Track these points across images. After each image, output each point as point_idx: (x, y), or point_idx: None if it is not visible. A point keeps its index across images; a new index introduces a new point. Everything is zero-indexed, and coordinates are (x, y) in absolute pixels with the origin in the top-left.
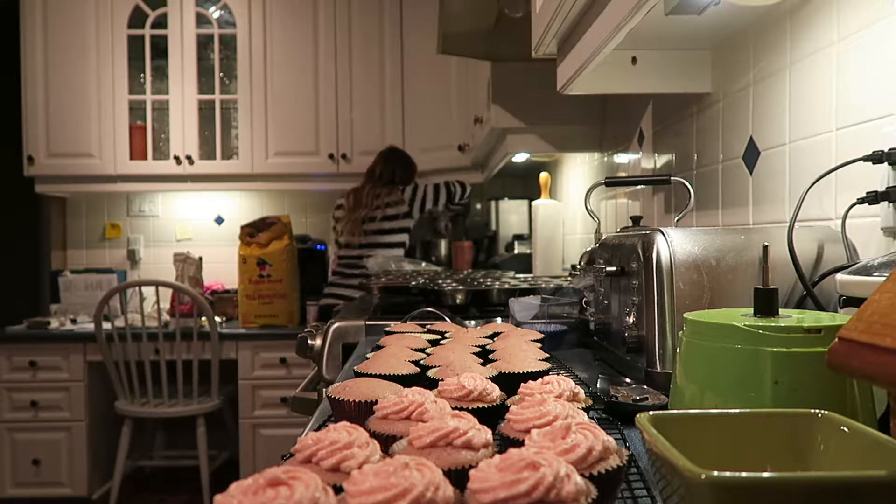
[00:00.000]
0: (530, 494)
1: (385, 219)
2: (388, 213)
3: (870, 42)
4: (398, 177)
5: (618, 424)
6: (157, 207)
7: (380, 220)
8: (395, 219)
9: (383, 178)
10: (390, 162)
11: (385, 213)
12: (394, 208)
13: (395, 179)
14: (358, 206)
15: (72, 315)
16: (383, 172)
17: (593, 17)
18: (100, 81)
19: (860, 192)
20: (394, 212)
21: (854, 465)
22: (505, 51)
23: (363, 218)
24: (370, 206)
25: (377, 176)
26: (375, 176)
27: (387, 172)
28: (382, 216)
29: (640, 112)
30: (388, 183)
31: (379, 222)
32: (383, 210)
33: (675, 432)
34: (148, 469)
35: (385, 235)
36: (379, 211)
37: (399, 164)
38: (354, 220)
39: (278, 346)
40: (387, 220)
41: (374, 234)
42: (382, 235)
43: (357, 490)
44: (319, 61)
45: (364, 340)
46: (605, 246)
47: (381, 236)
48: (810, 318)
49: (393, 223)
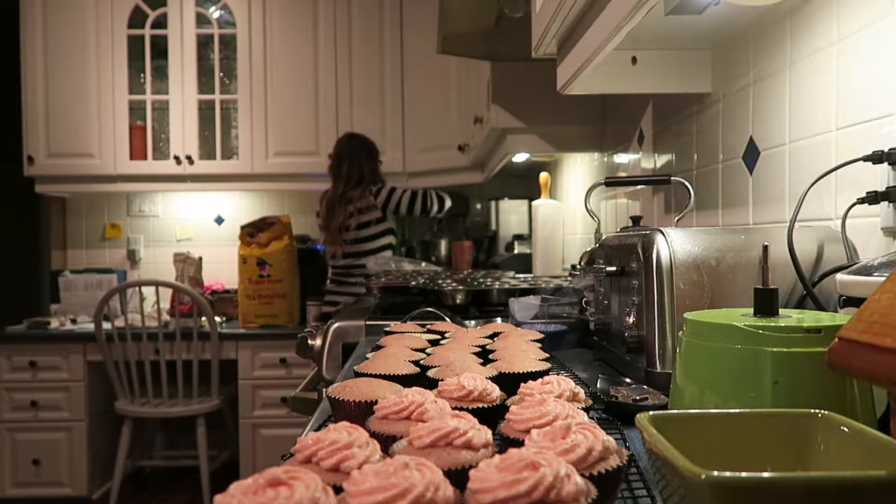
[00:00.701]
0: (530, 494)
1: (360, 227)
2: (362, 220)
3: (870, 42)
4: (367, 170)
5: (618, 424)
6: (157, 207)
7: (355, 229)
8: (369, 225)
9: (352, 177)
10: (354, 157)
11: (359, 220)
12: (366, 214)
13: (364, 176)
14: (331, 216)
15: (72, 315)
16: (350, 170)
17: (593, 17)
18: (100, 81)
19: (860, 192)
20: (367, 218)
21: (854, 465)
22: (505, 51)
23: (339, 228)
24: (343, 213)
25: (345, 176)
26: (343, 175)
27: (354, 170)
28: (357, 224)
29: (640, 112)
30: (358, 183)
31: (354, 231)
32: (357, 217)
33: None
34: (148, 469)
35: (366, 243)
36: (353, 219)
37: (362, 153)
38: (332, 231)
39: (278, 346)
40: (362, 227)
41: (353, 243)
42: (362, 243)
43: (357, 490)
44: (319, 61)
45: (364, 340)
46: (605, 246)
47: (362, 244)
48: (810, 318)
49: (369, 230)
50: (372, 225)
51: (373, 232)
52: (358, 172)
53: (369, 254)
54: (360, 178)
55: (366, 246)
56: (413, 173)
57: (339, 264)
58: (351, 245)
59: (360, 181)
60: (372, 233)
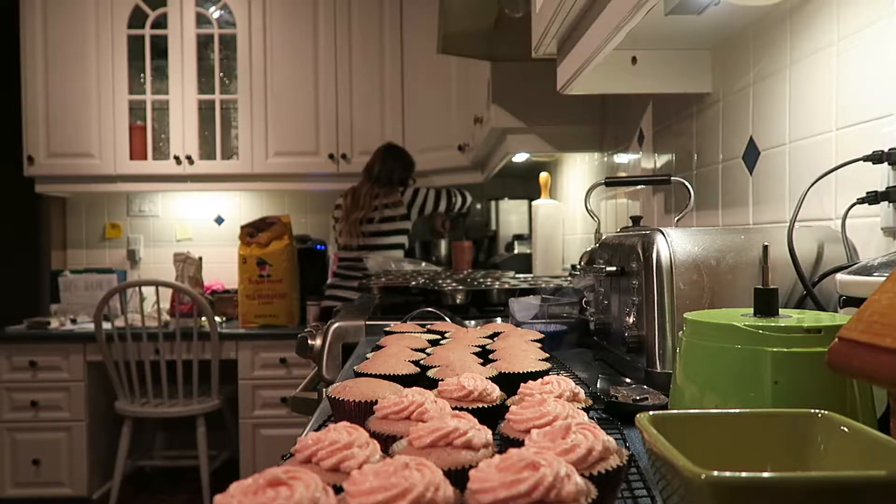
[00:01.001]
0: (530, 494)
1: (383, 220)
2: (386, 215)
3: (870, 42)
4: (396, 176)
5: (618, 424)
6: (157, 207)
7: (378, 222)
8: (392, 220)
9: (381, 177)
10: (388, 161)
11: (383, 214)
12: (392, 210)
13: (394, 179)
14: (356, 207)
15: (72, 315)
16: (381, 172)
17: (593, 17)
18: (100, 81)
19: (860, 192)
20: (391, 213)
21: (854, 465)
22: (505, 51)
23: (361, 219)
24: (368, 206)
25: (375, 175)
26: (374, 175)
27: (385, 172)
28: (380, 218)
29: (640, 112)
30: (387, 183)
31: (377, 224)
32: (381, 211)
33: (675, 432)
34: (148, 469)
35: (383, 237)
36: (377, 212)
37: (397, 162)
38: (352, 221)
39: (278, 346)
40: (385, 221)
41: (371, 235)
42: (380, 237)
43: (357, 490)
44: (319, 61)
45: (364, 340)
46: (605, 246)
47: (379, 238)
48: (810, 318)
49: (391, 225)
50: (396, 220)
51: (394, 228)
52: (388, 175)
53: (383, 248)
54: (390, 179)
55: (382, 240)
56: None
57: (350, 256)
58: (368, 238)
59: (389, 182)
60: (392, 228)
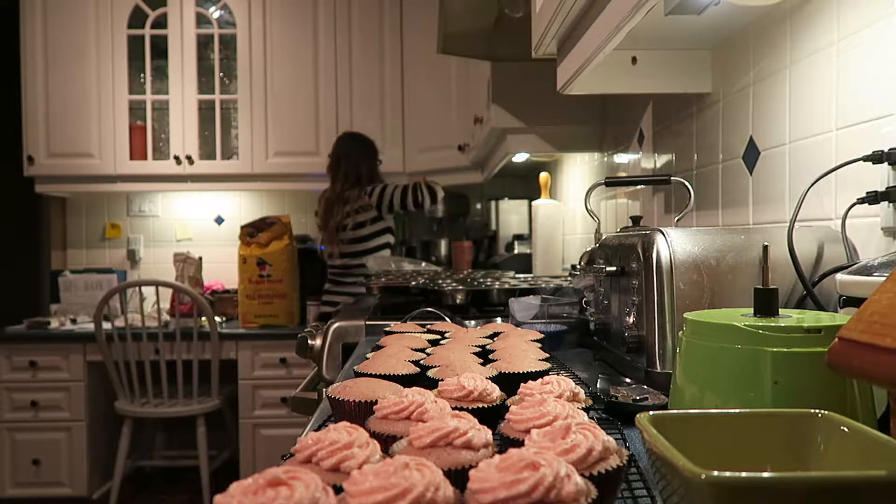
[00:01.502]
0: (530, 494)
1: (356, 226)
2: (358, 220)
3: (870, 42)
4: (364, 170)
5: (618, 424)
6: (157, 207)
7: (351, 229)
8: (364, 225)
9: (350, 177)
10: (352, 156)
11: (355, 220)
12: (362, 214)
13: (362, 175)
14: (329, 215)
15: (72, 315)
16: (348, 170)
17: (593, 17)
18: (100, 81)
19: (860, 192)
20: (363, 218)
21: (854, 465)
22: (505, 51)
23: (336, 228)
24: (341, 214)
25: (343, 176)
26: (340, 176)
27: (352, 170)
28: (353, 224)
29: (640, 112)
30: (356, 182)
31: (351, 231)
32: (353, 217)
33: (675, 432)
34: (148, 469)
35: (363, 242)
36: (349, 219)
37: (362, 155)
38: (329, 231)
39: (278, 346)
40: (358, 227)
41: (351, 242)
42: (361, 243)
43: (357, 490)
44: (319, 61)
45: (364, 340)
46: (605, 246)
47: (359, 244)
48: (810, 318)
49: (368, 229)
50: (367, 225)
51: (369, 232)
52: (356, 172)
53: (366, 254)
54: (358, 177)
55: (362, 246)
56: (413, 173)
57: (336, 264)
58: (348, 245)
59: (358, 181)
60: (368, 232)
